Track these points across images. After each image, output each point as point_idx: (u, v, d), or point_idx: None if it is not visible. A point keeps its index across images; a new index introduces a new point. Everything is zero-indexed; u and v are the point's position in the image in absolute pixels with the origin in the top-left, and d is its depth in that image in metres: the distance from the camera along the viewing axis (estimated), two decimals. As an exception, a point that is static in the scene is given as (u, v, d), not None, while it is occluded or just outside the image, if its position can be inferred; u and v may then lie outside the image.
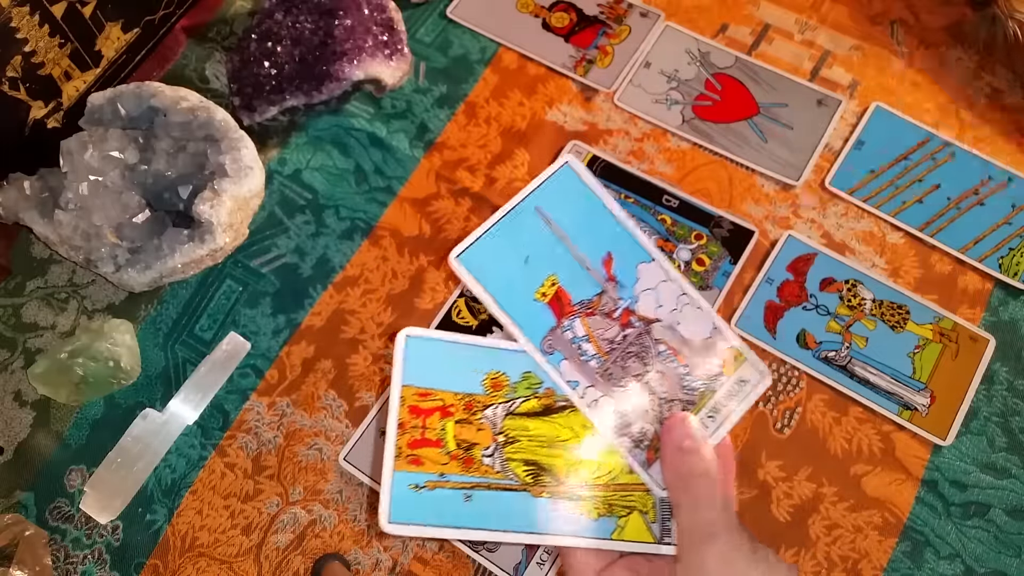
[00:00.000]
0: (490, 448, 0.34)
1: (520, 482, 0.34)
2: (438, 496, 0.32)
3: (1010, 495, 0.55)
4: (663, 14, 0.72)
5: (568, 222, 0.37)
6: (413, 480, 0.32)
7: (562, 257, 0.37)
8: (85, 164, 0.58)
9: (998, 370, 0.58)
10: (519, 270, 0.36)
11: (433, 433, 0.33)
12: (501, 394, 0.35)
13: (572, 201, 0.38)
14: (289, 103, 0.64)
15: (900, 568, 0.54)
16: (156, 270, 0.57)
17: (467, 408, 0.34)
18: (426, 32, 0.72)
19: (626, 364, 0.37)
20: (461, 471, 0.33)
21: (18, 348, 0.62)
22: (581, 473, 0.35)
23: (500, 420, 0.35)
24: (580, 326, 0.36)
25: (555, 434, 0.35)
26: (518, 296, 0.35)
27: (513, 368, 0.35)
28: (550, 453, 0.35)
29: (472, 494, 0.33)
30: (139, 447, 0.58)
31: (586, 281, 0.37)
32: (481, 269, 0.35)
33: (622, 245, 0.38)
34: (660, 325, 0.37)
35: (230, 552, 0.56)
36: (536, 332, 0.35)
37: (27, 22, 0.57)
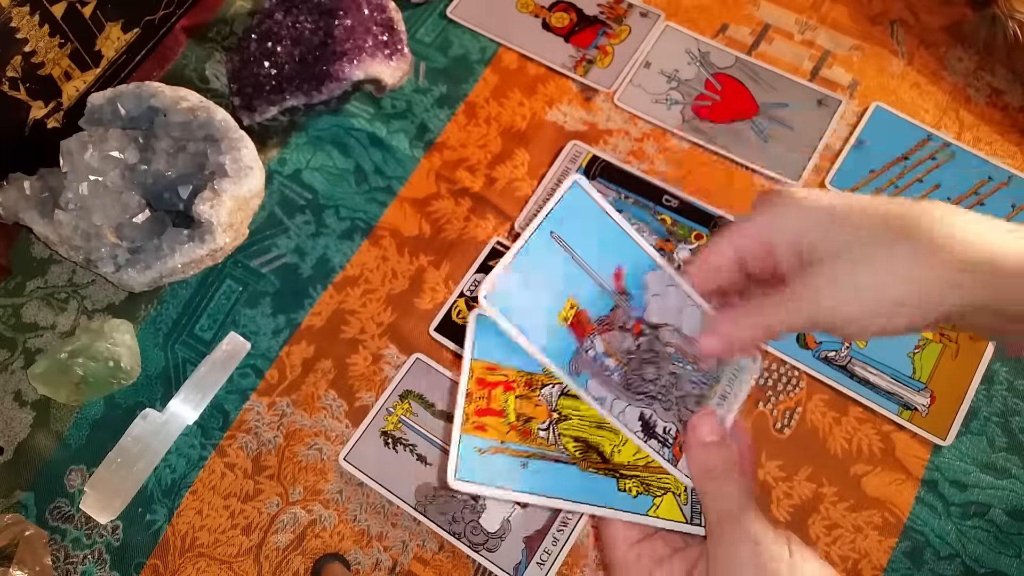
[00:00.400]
0: (545, 423, 0.37)
1: (570, 456, 0.37)
2: (498, 460, 0.35)
3: (1010, 495, 0.55)
4: (663, 14, 0.72)
5: (580, 241, 0.38)
6: (478, 444, 0.35)
7: (578, 277, 0.38)
8: (85, 164, 0.58)
9: (998, 370, 0.58)
10: (542, 299, 0.37)
11: (497, 404, 0.37)
12: (556, 376, 0.37)
13: (583, 220, 0.38)
14: (289, 103, 0.64)
15: (900, 568, 0.54)
16: (156, 270, 0.57)
17: (527, 385, 0.37)
18: (426, 32, 0.72)
19: (643, 371, 0.39)
20: (519, 441, 0.36)
21: (18, 348, 0.63)
22: (623, 454, 0.38)
23: (555, 399, 0.37)
24: (600, 343, 0.38)
25: (602, 417, 0.37)
26: (544, 325, 0.36)
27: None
28: (597, 433, 0.38)
29: (528, 462, 0.36)
30: (139, 447, 0.58)
31: (601, 298, 0.38)
32: (508, 305, 0.36)
33: (630, 257, 0.39)
34: (667, 329, 0.39)
35: (230, 552, 0.56)
36: (562, 357, 0.37)
37: (27, 22, 0.57)
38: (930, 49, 0.70)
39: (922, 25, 0.71)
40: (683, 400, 0.39)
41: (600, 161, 0.66)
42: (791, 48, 0.70)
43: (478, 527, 0.55)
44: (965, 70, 0.69)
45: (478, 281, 0.62)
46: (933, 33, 0.70)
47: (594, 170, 0.66)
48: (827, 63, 0.70)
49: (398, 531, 0.56)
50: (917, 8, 0.71)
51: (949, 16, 0.71)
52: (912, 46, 0.70)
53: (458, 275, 0.63)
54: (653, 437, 0.38)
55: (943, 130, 0.66)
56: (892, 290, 0.31)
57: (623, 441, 0.38)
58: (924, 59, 0.70)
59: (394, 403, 0.59)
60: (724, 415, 0.39)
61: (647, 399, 0.38)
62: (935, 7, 0.71)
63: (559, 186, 0.38)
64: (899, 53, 0.70)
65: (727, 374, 0.40)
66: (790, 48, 0.70)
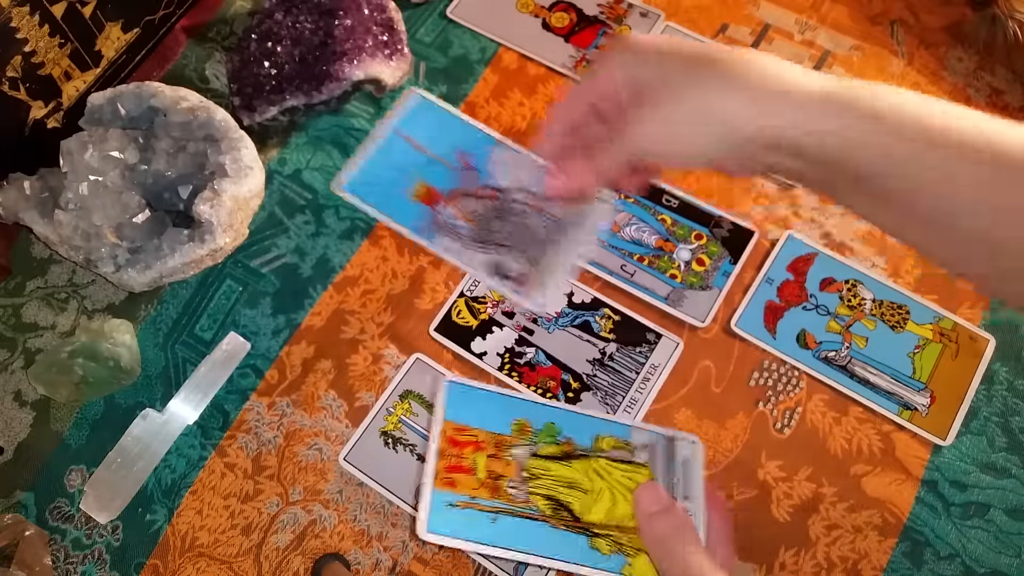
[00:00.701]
0: (515, 481, 0.39)
1: (540, 513, 0.39)
2: (469, 515, 0.38)
3: (1010, 495, 0.55)
4: (663, 14, 0.72)
5: (425, 135, 0.49)
6: (448, 499, 0.38)
7: (426, 163, 0.48)
8: (85, 164, 0.58)
9: (998, 370, 0.58)
10: (394, 183, 0.47)
11: (467, 462, 0.39)
12: (526, 438, 0.40)
13: (427, 119, 0.49)
14: (289, 103, 0.64)
15: (900, 568, 0.54)
16: (156, 270, 0.57)
17: (497, 446, 0.40)
18: (426, 32, 0.72)
19: (491, 225, 0.47)
20: (489, 496, 0.39)
21: (18, 348, 0.63)
22: (595, 513, 0.39)
23: (525, 459, 0.40)
24: (450, 209, 0.47)
25: (573, 477, 0.40)
26: (397, 202, 0.46)
27: (537, 418, 0.41)
28: (569, 493, 0.39)
29: (497, 517, 0.38)
30: (139, 447, 0.58)
31: (449, 175, 0.48)
32: (365, 191, 0.46)
33: (472, 140, 0.49)
34: (513, 189, 0.47)
35: (230, 552, 0.56)
36: (415, 223, 0.46)
37: (27, 22, 0.57)
38: (930, 49, 0.70)
39: (922, 25, 0.71)
40: (536, 244, 0.46)
41: (600, 161, 0.66)
42: (791, 48, 0.70)
43: (478, 527, 0.55)
44: (965, 70, 0.69)
45: (478, 281, 0.62)
46: (933, 33, 0.71)
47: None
48: (827, 63, 0.70)
49: (398, 531, 0.56)
50: (917, 8, 0.71)
51: (949, 16, 0.71)
52: (912, 46, 0.70)
53: (458, 275, 0.63)
54: (506, 278, 0.46)
55: (943, 130, 0.66)
56: (701, 117, 0.34)
57: (595, 500, 0.40)
58: (924, 59, 0.70)
59: (394, 403, 0.59)
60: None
61: (496, 247, 0.46)
62: (935, 7, 0.71)
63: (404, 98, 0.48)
64: (899, 53, 0.70)
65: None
66: (790, 48, 0.70)
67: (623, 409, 0.56)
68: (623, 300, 0.61)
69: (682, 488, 0.40)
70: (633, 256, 0.62)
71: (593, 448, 0.41)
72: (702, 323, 0.60)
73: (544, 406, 0.41)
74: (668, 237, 0.63)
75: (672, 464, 0.41)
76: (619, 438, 0.42)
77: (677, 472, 0.41)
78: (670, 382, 0.58)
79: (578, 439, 0.41)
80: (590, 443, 0.41)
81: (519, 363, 0.59)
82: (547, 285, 0.44)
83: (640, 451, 0.42)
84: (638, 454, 0.42)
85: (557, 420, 0.41)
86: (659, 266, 0.62)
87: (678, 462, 0.42)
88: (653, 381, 0.58)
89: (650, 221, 0.64)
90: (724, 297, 0.61)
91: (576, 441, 0.41)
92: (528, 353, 0.60)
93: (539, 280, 0.43)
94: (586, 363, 0.59)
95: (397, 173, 0.47)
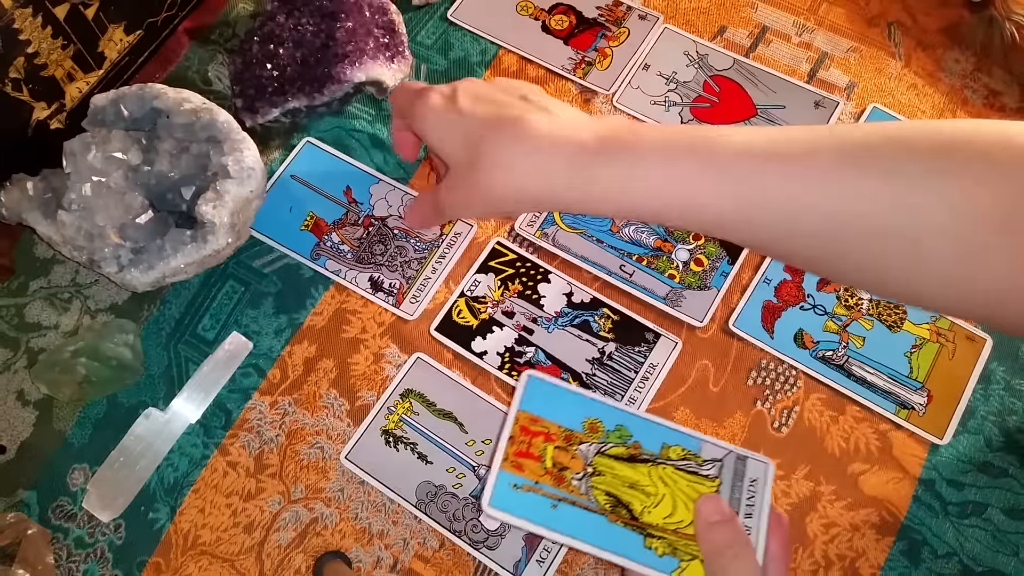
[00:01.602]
0: (580, 474, 0.41)
1: (599, 507, 0.40)
2: (530, 498, 0.40)
3: (1007, 494, 0.55)
4: (662, 16, 0.72)
5: (316, 176, 0.65)
6: (513, 480, 0.40)
7: (315, 199, 0.64)
8: (88, 165, 0.58)
9: (995, 369, 0.59)
10: (287, 216, 0.64)
11: (536, 450, 0.41)
12: (596, 436, 0.42)
13: (317, 163, 0.66)
14: (291, 105, 0.65)
15: (897, 567, 0.54)
16: (159, 270, 0.58)
17: (567, 440, 0.42)
18: (427, 34, 0.73)
19: (372, 248, 0.62)
20: (553, 485, 0.41)
21: (21, 348, 0.63)
22: (653, 515, 0.40)
23: (592, 456, 0.41)
24: (336, 237, 0.63)
25: (637, 479, 0.41)
26: (290, 232, 0.64)
27: (609, 419, 0.43)
28: (630, 492, 0.41)
29: (558, 504, 0.40)
30: (141, 446, 0.58)
31: (335, 209, 0.64)
32: (263, 225, 0.64)
33: (357, 179, 0.65)
34: (393, 218, 0.63)
35: (232, 550, 0.56)
36: (305, 249, 0.63)
37: (30, 23, 0.58)
38: (927, 51, 0.70)
39: (919, 27, 0.71)
40: (407, 263, 0.61)
41: (599, 162, 0.66)
42: (789, 50, 0.71)
43: (478, 525, 0.55)
44: (962, 72, 0.69)
45: (478, 281, 0.63)
46: (930, 35, 0.71)
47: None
48: (824, 65, 0.70)
49: (399, 529, 0.56)
50: (914, 10, 0.72)
51: (946, 18, 0.71)
52: (909, 48, 0.71)
53: (458, 275, 0.63)
54: (380, 290, 0.61)
55: (940, 131, 0.67)
56: (494, 181, 0.43)
57: (655, 504, 0.41)
58: (921, 61, 0.70)
59: (395, 402, 0.59)
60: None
61: (375, 267, 0.61)
62: (932, 9, 0.72)
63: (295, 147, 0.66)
64: (896, 55, 0.70)
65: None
66: (788, 50, 0.71)
67: (622, 408, 0.57)
68: (622, 300, 0.61)
69: (745, 507, 0.41)
70: (632, 256, 0.63)
71: (660, 455, 0.42)
72: (700, 323, 0.60)
73: (618, 410, 0.43)
74: (667, 238, 0.63)
75: (740, 482, 0.42)
76: (688, 450, 0.43)
77: (744, 490, 0.42)
78: (669, 381, 0.59)
79: (646, 444, 0.42)
80: (658, 450, 0.42)
81: (519, 362, 0.60)
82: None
83: (709, 465, 0.42)
84: (706, 467, 0.42)
85: (628, 424, 0.42)
86: (658, 266, 0.62)
87: (746, 481, 0.42)
88: (652, 380, 0.59)
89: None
90: (722, 297, 0.61)
91: (644, 446, 0.42)
92: (528, 352, 0.60)
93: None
94: (585, 362, 0.59)
95: (289, 208, 0.64)
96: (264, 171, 0.61)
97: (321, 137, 0.68)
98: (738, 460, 0.43)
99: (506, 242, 0.64)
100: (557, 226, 0.64)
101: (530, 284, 0.62)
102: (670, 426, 0.43)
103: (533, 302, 0.62)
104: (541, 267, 0.63)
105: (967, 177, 0.31)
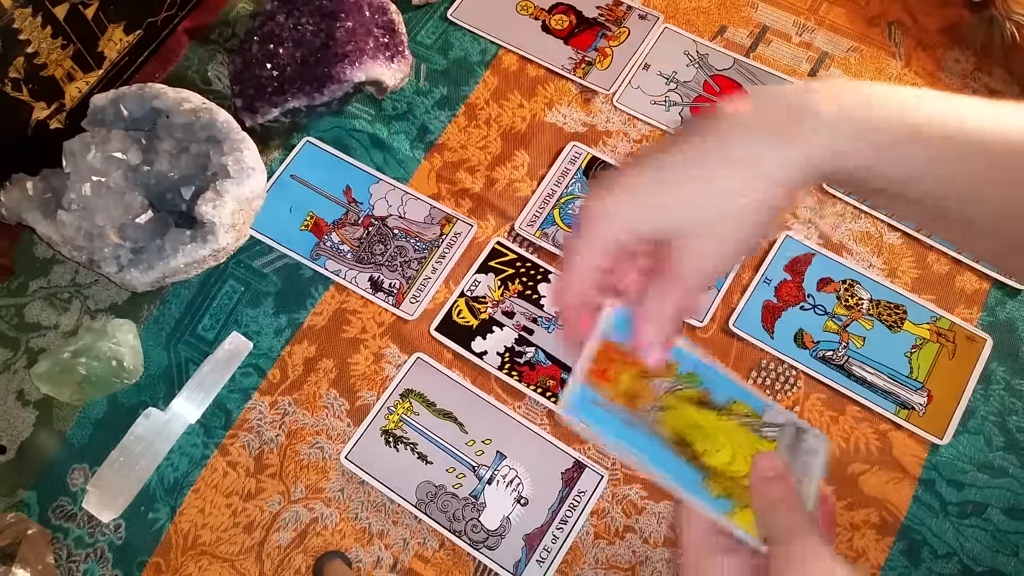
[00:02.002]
0: (649, 406, 0.41)
1: (665, 439, 0.41)
2: (604, 412, 0.41)
3: (1007, 494, 0.55)
4: (662, 16, 0.72)
5: (316, 176, 0.66)
6: (590, 395, 0.41)
7: (315, 199, 0.65)
8: (88, 165, 0.58)
9: (995, 370, 0.59)
10: (287, 216, 0.65)
11: (611, 373, 0.42)
12: (669, 375, 0.42)
13: (317, 162, 0.67)
14: (291, 105, 0.65)
15: (897, 567, 0.54)
16: (159, 270, 0.58)
17: (642, 373, 0.42)
18: (427, 34, 0.73)
19: (372, 248, 0.63)
20: (625, 407, 0.41)
21: (21, 348, 0.63)
22: (715, 458, 0.41)
23: (663, 391, 0.42)
24: (336, 236, 0.64)
25: (702, 423, 0.42)
26: (289, 231, 0.64)
27: (685, 363, 0.43)
28: (694, 433, 0.41)
29: (628, 425, 0.40)
30: (141, 446, 0.58)
31: (335, 208, 0.65)
32: (262, 225, 0.64)
33: (356, 178, 0.66)
34: (392, 218, 0.64)
35: (232, 550, 0.56)
36: (306, 249, 0.64)
37: (29, 23, 0.58)
38: (928, 51, 0.70)
39: (920, 27, 0.71)
40: (407, 263, 0.62)
41: (600, 162, 0.66)
42: (789, 50, 0.71)
43: (478, 525, 0.55)
44: (962, 71, 0.69)
45: (478, 281, 0.63)
46: (930, 35, 0.71)
47: (594, 171, 0.66)
48: (825, 65, 0.70)
49: (399, 529, 0.56)
50: (915, 10, 0.72)
51: (947, 18, 0.71)
52: (910, 48, 0.71)
53: (458, 275, 0.63)
54: (380, 290, 0.62)
55: (940, 131, 0.67)
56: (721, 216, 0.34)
57: (716, 448, 0.41)
58: (921, 60, 0.70)
59: (395, 402, 0.59)
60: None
61: (375, 266, 0.62)
62: (932, 9, 0.72)
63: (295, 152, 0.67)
64: (897, 55, 0.70)
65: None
66: (788, 50, 0.71)
67: (622, 408, 0.57)
68: (622, 300, 0.61)
69: (796, 480, 0.41)
70: (632, 256, 0.63)
71: (725, 407, 0.43)
72: (700, 323, 0.60)
73: (693, 356, 0.43)
74: (667, 237, 0.63)
75: (795, 452, 0.43)
76: (753, 409, 0.43)
77: (798, 461, 0.42)
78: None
79: (714, 394, 0.43)
80: (724, 402, 0.43)
81: (519, 362, 0.60)
82: None
83: (768, 428, 0.43)
84: (766, 430, 0.43)
85: (701, 372, 0.43)
86: (658, 266, 0.62)
87: (801, 453, 0.43)
88: (652, 380, 0.59)
89: (649, 221, 0.64)
90: (722, 297, 0.61)
91: (712, 395, 0.43)
92: (528, 352, 0.60)
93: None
94: (586, 362, 0.59)
95: (289, 208, 0.64)
96: (264, 171, 0.61)
97: (321, 137, 0.68)
98: (798, 431, 0.43)
99: (506, 242, 0.64)
100: (557, 226, 0.64)
101: (530, 284, 0.62)
102: (739, 383, 0.43)
103: (533, 302, 0.62)
104: (541, 267, 0.63)
105: None
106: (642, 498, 0.56)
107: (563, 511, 0.56)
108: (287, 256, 0.64)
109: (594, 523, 0.56)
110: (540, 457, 0.57)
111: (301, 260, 0.63)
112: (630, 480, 0.57)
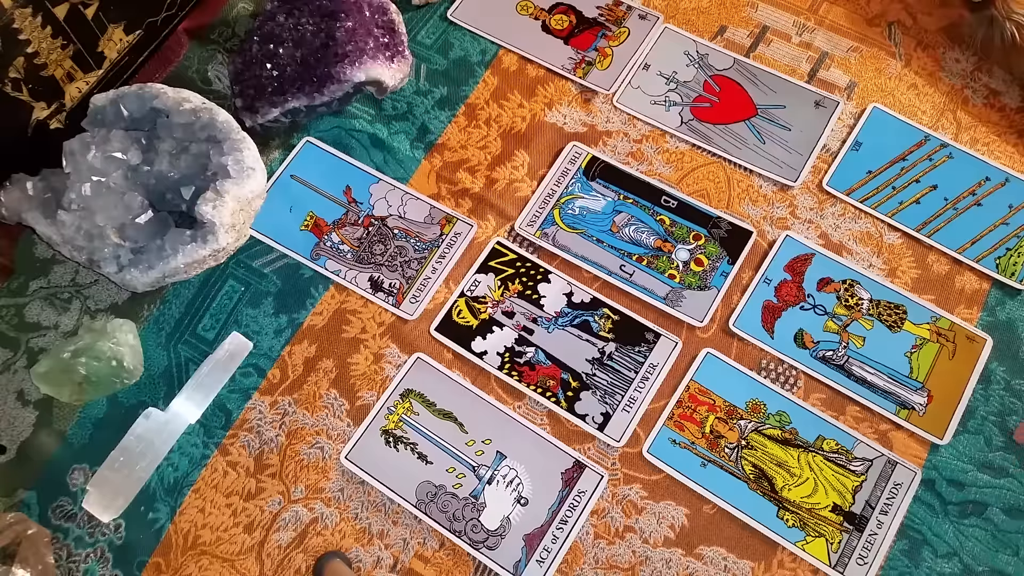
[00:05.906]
0: (733, 445, 0.47)
1: (744, 476, 0.46)
2: (684, 454, 0.46)
3: (1007, 494, 0.55)
4: (662, 16, 0.72)
5: (316, 176, 0.66)
6: (672, 436, 0.47)
7: (315, 198, 0.65)
8: (88, 165, 0.58)
9: (995, 369, 0.59)
10: (286, 216, 0.65)
11: (698, 416, 0.48)
12: (756, 416, 0.48)
13: (317, 163, 0.67)
14: (291, 104, 0.65)
15: (898, 566, 0.54)
16: (159, 270, 0.58)
17: (728, 414, 0.48)
18: (427, 34, 0.73)
19: (372, 248, 0.62)
20: (706, 448, 0.47)
21: (21, 348, 0.63)
22: (794, 493, 0.45)
23: (748, 431, 0.47)
24: (336, 236, 0.64)
25: (785, 459, 0.46)
26: (290, 231, 0.64)
27: (773, 403, 0.49)
28: (776, 470, 0.46)
29: (708, 465, 0.46)
30: (142, 446, 0.58)
31: (335, 208, 0.65)
32: (262, 225, 0.64)
33: (356, 178, 0.66)
34: (392, 218, 0.64)
35: (232, 550, 0.56)
36: (306, 249, 0.64)
37: (29, 23, 0.58)
38: (927, 51, 0.70)
39: (919, 27, 0.71)
40: (407, 263, 0.60)
41: (600, 162, 0.66)
42: (789, 50, 0.71)
43: (478, 525, 0.55)
44: (962, 71, 0.69)
45: (478, 281, 0.63)
46: (930, 35, 0.71)
47: (594, 171, 0.66)
48: (825, 65, 0.70)
49: (399, 529, 0.56)
50: (915, 10, 0.72)
51: (947, 18, 0.71)
52: (909, 48, 0.71)
53: (458, 275, 0.63)
54: (380, 290, 0.61)
55: (941, 131, 0.67)
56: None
57: (797, 483, 0.46)
58: (921, 60, 0.70)
59: (395, 402, 0.59)
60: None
61: (375, 266, 0.61)
62: (933, 9, 0.72)
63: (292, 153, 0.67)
64: (896, 55, 0.70)
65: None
66: (788, 50, 0.71)
67: (622, 408, 0.57)
68: (622, 300, 0.61)
69: (883, 505, 0.47)
70: (632, 256, 0.63)
71: (814, 444, 0.47)
72: (700, 323, 0.60)
73: (783, 397, 0.48)
74: (667, 238, 0.63)
75: (884, 483, 0.48)
76: (842, 445, 0.48)
77: (886, 491, 0.47)
78: (669, 381, 0.59)
79: (803, 432, 0.48)
80: (812, 439, 0.48)
81: (519, 362, 0.60)
82: None
83: (858, 462, 0.47)
84: (855, 463, 0.47)
85: (790, 411, 0.49)
86: (658, 266, 0.62)
87: (890, 483, 0.48)
88: (652, 380, 0.58)
89: (649, 222, 0.64)
90: (722, 297, 0.61)
91: (800, 433, 0.48)
92: (528, 352, 0.60)
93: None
94: (585, 362, 0.59)
95: (288, 208, 0.63)
96: (264, 171, 0.61)
97: (321, 137, 0.68)
98: (887, 463, 0.49)
99: (506, 242, 0.64)
100: (557, 226, 0.64)
101: (530, 284, 0.62)
102: (830, 421, 0.48)
103: (533, 302, 0.62)
104: (541, 267, 0.63)
105: None
106: (642, 498, 0.56)
107: (563, 511, 0.56)
108: (287, 256, 0.64)
109: (594, 523, 0.55)
110: (540, 457, 0.57)
111: (301, 260, 0.63)
112: (630, 480, 0.57)
